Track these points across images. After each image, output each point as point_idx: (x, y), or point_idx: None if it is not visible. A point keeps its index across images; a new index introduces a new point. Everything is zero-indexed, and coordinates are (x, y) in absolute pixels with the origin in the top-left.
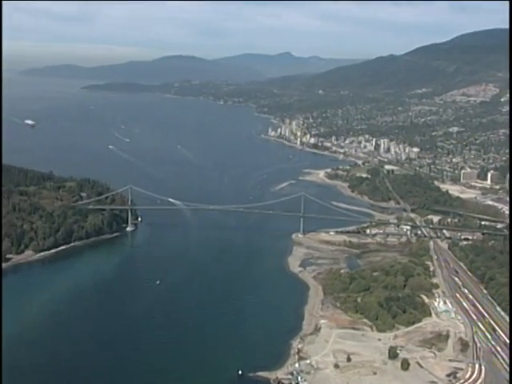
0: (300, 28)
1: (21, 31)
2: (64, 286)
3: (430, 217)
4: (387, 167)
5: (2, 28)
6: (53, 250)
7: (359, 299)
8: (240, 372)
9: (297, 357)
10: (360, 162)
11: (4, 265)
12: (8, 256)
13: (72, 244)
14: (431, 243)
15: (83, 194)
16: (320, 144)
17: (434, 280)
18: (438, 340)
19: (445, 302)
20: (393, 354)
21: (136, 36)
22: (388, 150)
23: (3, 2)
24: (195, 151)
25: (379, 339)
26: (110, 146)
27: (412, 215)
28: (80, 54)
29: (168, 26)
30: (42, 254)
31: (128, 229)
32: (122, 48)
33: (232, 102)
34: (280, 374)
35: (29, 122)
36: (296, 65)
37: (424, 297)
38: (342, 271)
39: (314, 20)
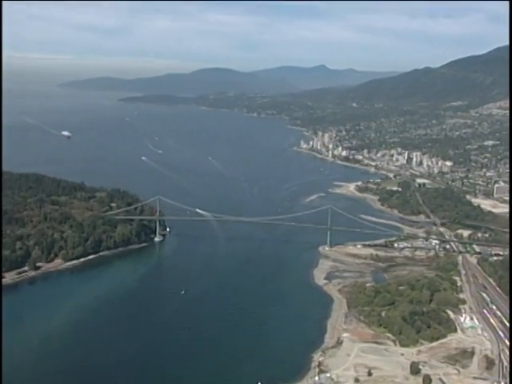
0: (336, 41)
1: (61, 44)
2: (92, 294)
3: (460, 231)
4: (419, 181)
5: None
6: (82, 259)
7: (383, 313)
8: None
9: (317, 370)
10: (391, 176)
11: (34, 273)
12: (38, 264)
13: (100, 253)
14: (460, 258)
15: (113, 205)
16: (351, 157)
17: (461, 295)
18: (462, 356)
19: (471, 318)
20: (415, 369)
21: (174, 49)
22: (420, 164)
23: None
24: (226, 163)
25: (402, 354)
26: (143, 158)
27: (442, 229)
28: (119, 66)
29: (206, 39)
30: (71, 262)
31: (156, 239)
32: (161, 60)
33: (265, 115)
34: None
35: (65, 133)
36: (331, 77)
37: (450, 312)
38: (368, 285)
39: (349, 33)
